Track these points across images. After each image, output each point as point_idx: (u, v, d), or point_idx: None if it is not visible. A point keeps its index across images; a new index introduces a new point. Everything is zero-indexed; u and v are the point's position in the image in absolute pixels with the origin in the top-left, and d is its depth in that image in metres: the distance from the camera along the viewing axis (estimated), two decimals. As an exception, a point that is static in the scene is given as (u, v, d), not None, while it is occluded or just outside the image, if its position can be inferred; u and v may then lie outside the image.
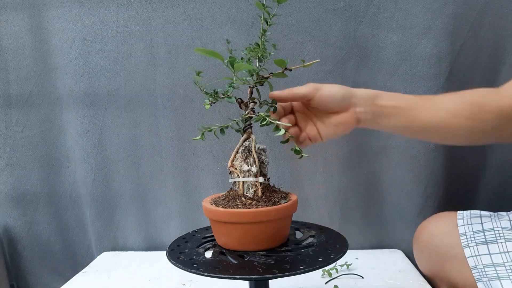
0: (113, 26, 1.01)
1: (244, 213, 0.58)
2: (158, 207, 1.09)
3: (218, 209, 0.60)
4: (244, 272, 0.54)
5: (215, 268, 0.55)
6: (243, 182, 0.62)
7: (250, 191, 0.62)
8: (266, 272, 0.53)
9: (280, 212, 0.59)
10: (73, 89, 1.04)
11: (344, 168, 1.02)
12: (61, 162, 1.10)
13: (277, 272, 0.53)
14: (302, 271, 0.53)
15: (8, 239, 1.13)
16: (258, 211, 0.58)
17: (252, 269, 0.54)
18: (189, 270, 0.56)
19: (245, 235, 0.60)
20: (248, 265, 0.56)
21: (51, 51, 1.04)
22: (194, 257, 0.60)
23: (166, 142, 1.05)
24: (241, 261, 0.57)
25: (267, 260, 0.57)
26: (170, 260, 0.60)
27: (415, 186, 1.00)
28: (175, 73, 1.02)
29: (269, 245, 0.61)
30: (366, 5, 0.95)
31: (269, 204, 0.60)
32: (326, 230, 0.70)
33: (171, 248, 0.65)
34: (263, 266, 0.55)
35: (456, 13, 0.92)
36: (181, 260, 0.59)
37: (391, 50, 0.95)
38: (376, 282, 0.87)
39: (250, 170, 0.62)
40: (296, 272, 0.53)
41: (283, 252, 0.60)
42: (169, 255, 0.61)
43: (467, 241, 0.74)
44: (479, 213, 0.78)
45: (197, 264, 0.57)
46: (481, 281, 0.69)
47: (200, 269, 0.55)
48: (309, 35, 0.97)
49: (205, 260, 0.59)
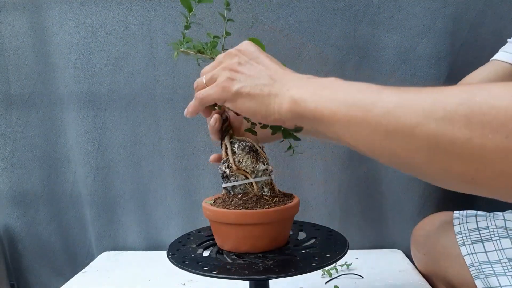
0: (114, 26, 1.01)
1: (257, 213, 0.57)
2: (158, 207, 1.10)
3: (228, 211, 0.58)
4: (244, 272, 0.54)
5: (215, 268, 0.55)
6: (256, 182, 0.60)
7: (265, 190, 0.61)
8: (266, 272, 0.53)
9: (292, 211, 0.60)
10: (73, 89, 1.05)
11: (344, 168, 1.02)
12: (62, 162, 1.10)
13: (277, 272, 0.53)
14: (302, 271, 0.53)
15: (9, 239, 1.13)
16: (271, 211, 0.57)
17: (252, 269, 0.54)
18: (189, 270, 0.56)
19: (248, 236, 0.59)
20: (248, 265, 0.56)
21: (52, 51, 1.04)
22: (194, 257, 0.60)
23: (167, 142, 1.06)
24: (241, 261, 0.57)
25: (267, 260, 0.57)
26: (170, 260, 0.60)
27: (415, 186, 1.00)
28: (175, 73, 1.02)
29: (271, 245, 0.61)
30: (366, 5, 0.95)
31: (289, 199, 0.60)
32: (326, 230, 0.70)
33: (171, 248, 0.65)
34: (263, 266, 0.55)
35: (456, 13, 0.92)
36: (181, 260, 0.59)
37: (391, 50, 0.95)
38: (376, 282, 0.87)
39: (267, 169, 0.61)
40: (296, 272, 0.53)
41: (283, 252, 0.60)
42: (169, 255, 0.61)
43: (463, 240, 0.75)
44: (475, 213, 0.79)
45: (197, 264, 0.57)
46: (479, 278, 0.70)
47: (200, 269, 0.55)
48: (309, 35, 0.97)
49: (205, 260, 0.59)
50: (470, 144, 0.31)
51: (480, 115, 0.31)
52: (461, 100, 0.32)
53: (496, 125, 0.30)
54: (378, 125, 0.37)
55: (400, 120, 0.35)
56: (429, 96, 0.35)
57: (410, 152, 0.35)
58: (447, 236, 0.78)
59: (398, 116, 0.35)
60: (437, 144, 0.33)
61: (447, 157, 0.33)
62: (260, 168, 0.61)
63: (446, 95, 0.34)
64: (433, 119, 0.33)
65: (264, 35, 0.97)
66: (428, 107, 0.34)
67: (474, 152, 0.31)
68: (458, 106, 0.32)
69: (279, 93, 0.47)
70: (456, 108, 0.32)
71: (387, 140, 0.37)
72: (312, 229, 0.71)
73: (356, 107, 0.39)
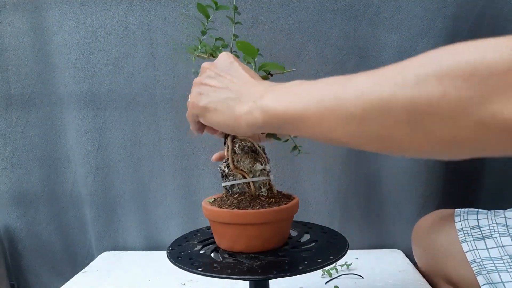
0: (114, 26, 1.01)
1: (256, 213, 0.57)
2: (158, 207, 1.10)
3: (228, 210, 0.58)
4: (244, 272, 0.54)
5: (215, 268, 0.55)
6: (253, 182, 0.61)
7: (263, 190, 0.61)
8: (266, 272, 0.53)
9: (290, 211, 0.60)
10: (73, 89, 1.05)
11: (344, 168, 1.02)
12: (62, 162, 1.10)
13: (277, 272, 0.53)
14: (302, 271, 0.53)
15: (9, 239, 1.13)
16: (270, 210, 0.57)
17: (252, 269, 0.54)
18: (189, 270, 0.56)
19: (247, 236, 0.59)
20: (248, 265, 0.56)
21: (52, 51, 1.04)
22: (194, 257, 0.60)
23: (167, 142, 1.06)
24: (241, 261, 0.57)
25: (267, 260, 0.57)
26: (170, 260, 0.60)
27: (415, 186, 1.01)
28: (175, 73, 1.02)
29: (270, 245, 0.61)
30: (366, 5, 0.95)
31: (286, 200, 0.60)
32: (326, 230, 0.70)
33: (171, 248, 0.65)
34: (263, 266, 0.55)
35: (456, 13, 0.92)
36: (181, 260, 0.59)
37: (390, 50, 0.96)
38: (376, 282, 0.87)
39: (264, 169, 0.62)
40: (296, 272, 0.53)
41: (283, 252, 0.60)
42: (169, 255, 0.61)
43: (464, 236, 0.75)
44: (476, 210, 0.79)
45: (197, 264, 0.57)
46: (481, 274, 0.70)
47: (200, 269, 0.55)
48: (309, 35, 0.97)
49: (205, 260, 0.59)
50: (447, 99, 0.32)
51: (449, 71, 0.32)
52: (428, 63, 0.33)
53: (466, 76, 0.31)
54: (353, 109, 0.37)
55: (373, 97, 0.35)
56: (397, 68, 0.36)
57: (390, 128, 0.35)
58: (448, 233, 0.78)
59: (370, 94, 0.36)
60: (415, 111, 0.33)
61: (427, 120, 0.33)
62: (257, 168, 0.61)
63: (413, 62, 0.35)
64: (406, 86, 0.34)
65: (264, 35, 0.97)
66: (399, 78, 0.34)
67: (451, 106, 0.32)
68: (427, 69, 0.33)
69: (247, 106, 0.47)
70: (426, 71, 0.33)
71: (365, 122, 0.36)
72: (312, 229, 0.71)
73: (327, 98, 0.39)
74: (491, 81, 0.30)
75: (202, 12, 0.63)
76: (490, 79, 0.30)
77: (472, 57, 0.32)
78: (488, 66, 0.30)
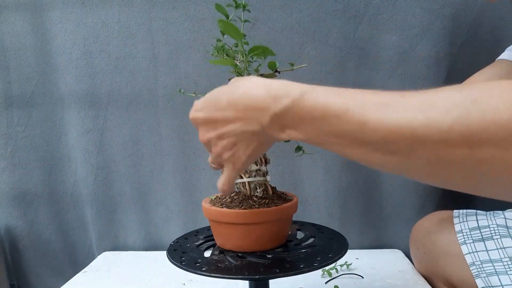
0: (115, 27, 1.01)
1: (255, 213, 0.58)
2: (158, 207, 1.10)
3: (227, 210, 0.59)
4: (244, 272, 0.54)
5: (215, 268, 0.56)
6: (249, 182, 0.62)
7: (258, 191, 0.62)
8: (266, 272, 0.53)
9: (280, 212, 0.60)
10: (74, 89, 1.05)
11: (344, 168, 1.03)
12: (63, 162, 1.11)
13: (277, 272, 0.53)
14: (302, 271, 0.53)
15: (9, 238, 1.13)
16: (269, 210, 0.58)
17: (252, 269, 0.55)
18: (189, 270, 0.56)
19: (247, 236, 0.60)
20: (248, 265, 0.56)
21: (53, 52, 1.05)
22: (194, 257, 0.60)
23: (167, 142, 1.06)
24: (241, 261, 0.58)
25: (267, 260, 0.57)
26: (170, 260, 0.60)
27: (414, 186, 1.01)
28: (176, 74, 1.02)
29: (270, 245, 0.61)
30: (366, 6, 0.95)
31: (282, 202, 0.60)
32: (326, 230, 0.71)
33: (171, 248, 0.65)
34: (263, 266, 0.55)
35: (455, 14, 0.93)
36: (181, 260, 0.59)
37: (390, 51, 0.96)
38: (376, 282, 0.87)
39: (260, 170, 0.62)
40: (296, 272, 0.53)
41: (283, 252, 0.60)
42: (169, 255, 0.62)
43: (464, 238, 0.75)
44: (475, 212, 0.79)
45: (197, 264, 0.58)
46: (480, 277, 0.70)
47: (200, 269, 0.55)
48: (309, 36, 0.97)
49: (205, 260, 0.59)
50: (471, 160, 0.30)
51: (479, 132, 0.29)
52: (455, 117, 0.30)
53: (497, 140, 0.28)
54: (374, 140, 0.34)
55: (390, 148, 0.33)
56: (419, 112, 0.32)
57: (409, 170, 0.34)
58: (447, 235, 0.78)
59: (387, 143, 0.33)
60: (437, 163, 0.31)
61: (448, 172, 0.32)
62: (252, 169, 0.62)
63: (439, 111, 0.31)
64: (429, 142, 0.31)
65: (264, 36, 0.97)
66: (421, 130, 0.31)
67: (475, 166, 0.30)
68: (454, 125, 0.30)
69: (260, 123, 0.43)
70: (452, 128, 0.30)
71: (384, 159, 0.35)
72: (312, 229, 0.71)
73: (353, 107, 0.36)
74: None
75: (222, 12, 0.62)
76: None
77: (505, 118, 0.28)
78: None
